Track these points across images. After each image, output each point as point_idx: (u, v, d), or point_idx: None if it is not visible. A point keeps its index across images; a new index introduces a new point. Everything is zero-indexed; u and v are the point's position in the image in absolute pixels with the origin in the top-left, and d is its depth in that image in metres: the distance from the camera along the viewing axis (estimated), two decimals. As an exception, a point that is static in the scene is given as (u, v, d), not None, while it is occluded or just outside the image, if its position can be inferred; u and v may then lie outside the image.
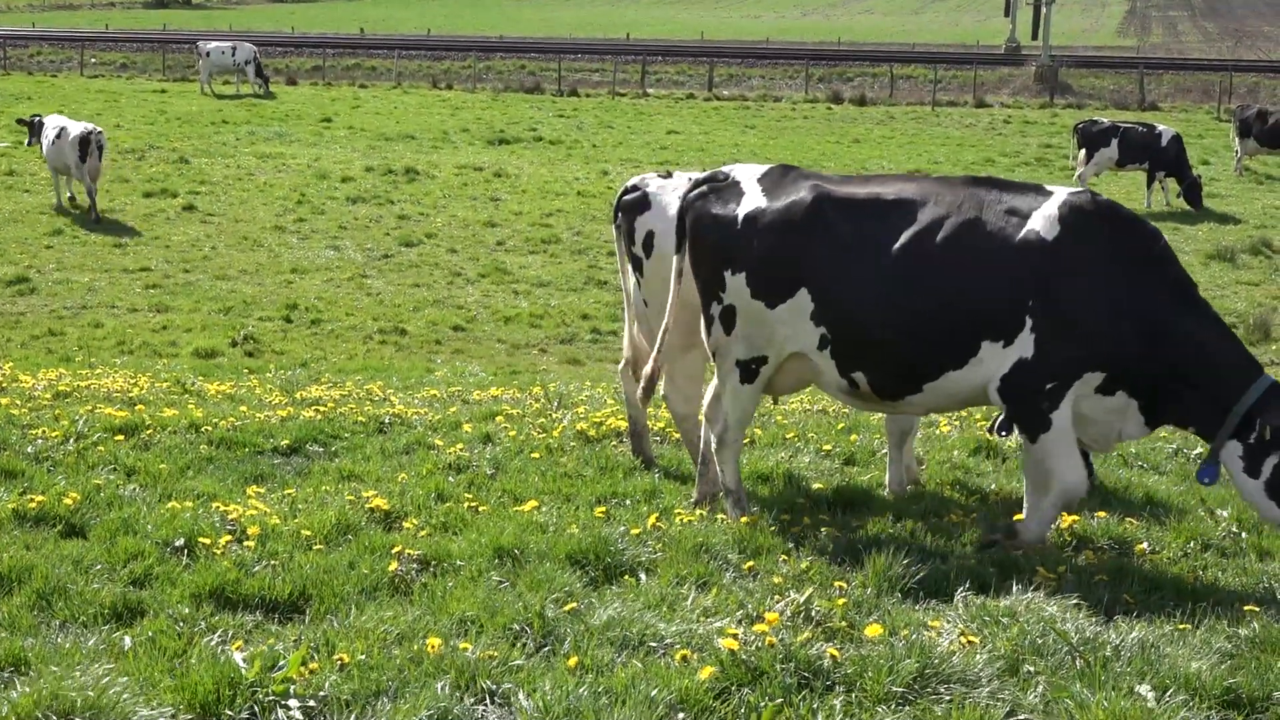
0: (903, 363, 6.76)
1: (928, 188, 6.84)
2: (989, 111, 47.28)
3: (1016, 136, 40.70)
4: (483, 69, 57.02)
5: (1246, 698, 4.74)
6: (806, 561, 6.41)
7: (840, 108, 48.60)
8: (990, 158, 35.81)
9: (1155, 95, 51.49)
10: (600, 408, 11.00)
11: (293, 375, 13.46)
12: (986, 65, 56.77)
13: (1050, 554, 6.66)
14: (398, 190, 28.77)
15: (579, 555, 6.37)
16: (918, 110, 47.69)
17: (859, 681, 4.85)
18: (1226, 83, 51.32)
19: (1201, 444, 9.33)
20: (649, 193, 8.39)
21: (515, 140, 37.58)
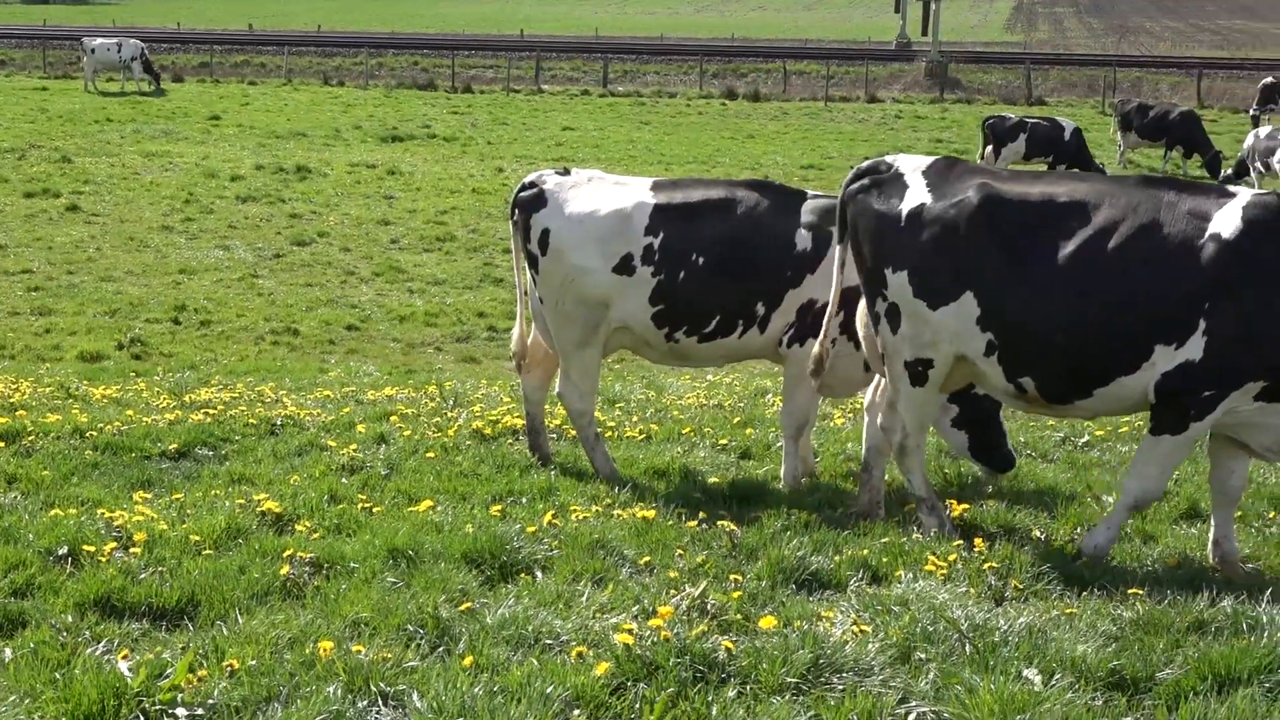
0: (1075, 369, 6.54)
1: (1101, 188, 6.60)
2: (881, 107, 47.87)
3: (908, 131, 41.25)
4: (375, 65, 56.45)
5: (1130, 678, 4.85)
6: (703, 556, 6.43)
7: (735, 104, 48.89)
8: (883, 152, 36.13)
9: (1042, 90, 52.49)
10: (496, 406, 10.95)
11: (181, 378, 13.20)
12: (878, 61, 57.47)
13: (941, 542, 6.75)
14: (289, 188, 28.38)
15: (475, 554, 6.33)
16: (811, 106, 48.14)
17: (754, 673, 4.88)
18: (1110, 78, 52.49)
19: (1090, 432, 9.53)
20: (545, 190, 8.34)
21: (409, 137, 37.26)
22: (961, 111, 46.73)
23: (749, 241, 8.11)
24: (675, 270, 8.09)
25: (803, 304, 8.13)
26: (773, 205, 8.21)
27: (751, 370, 13.30)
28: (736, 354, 8.53)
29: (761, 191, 8.33)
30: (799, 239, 8.11)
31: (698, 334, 8.21)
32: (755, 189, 8.37)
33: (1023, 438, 9.66)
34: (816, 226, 8.11)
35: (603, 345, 8.39)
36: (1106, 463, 8.99)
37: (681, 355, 8.48)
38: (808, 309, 8.12)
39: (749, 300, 8.13)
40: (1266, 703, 4.55)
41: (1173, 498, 7.91)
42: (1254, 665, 4.82)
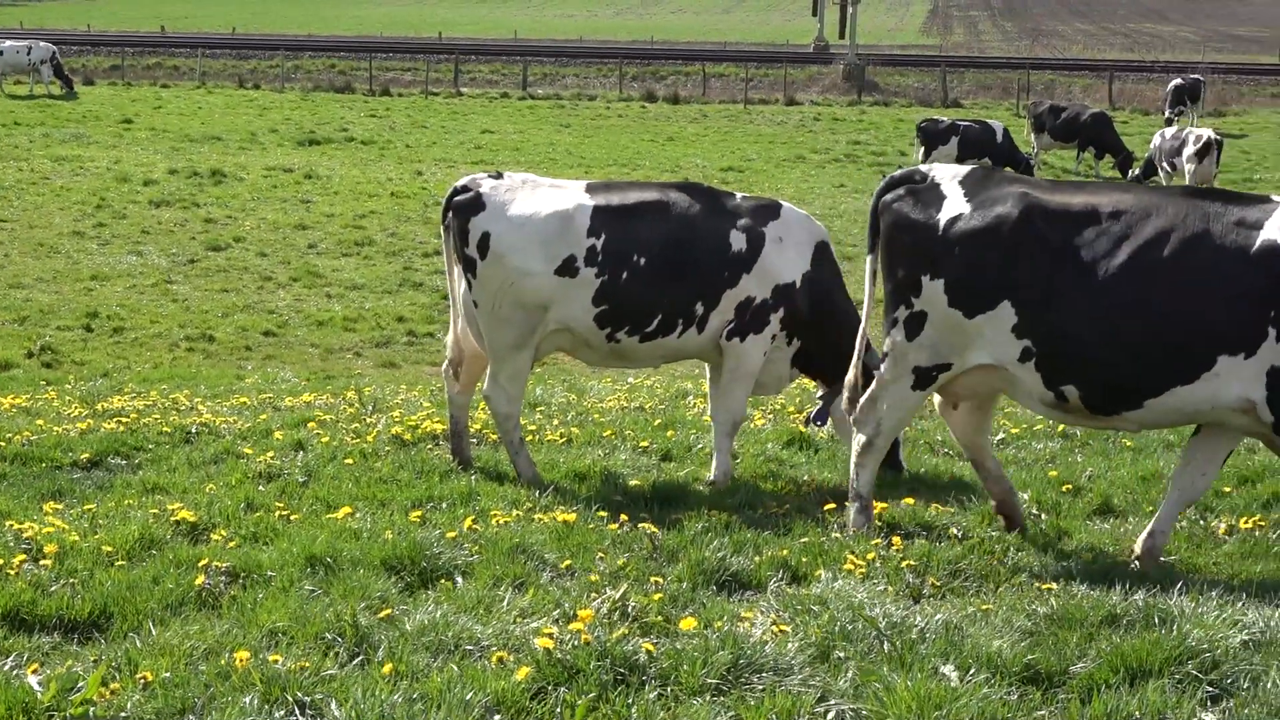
0: (1124, 379, 6.54)
1: (1146, 199, 6.63)
2: (799, 109, 48.18)
3: (826, 134, 41.56)
4: (291, 68, 55.89)
5: (1045, 672, 4.92)
6: (624, 558, 6.44)
7: (654, 106, 48.97)
8: (801, 154, 36.51)
9: (958, 92, 53.15)
10: (416, 411, 10.88)
11: (94, 386, 12.98)
12: (796, 64, 57.87)
13: (860, 541, 6.81)
14: (204, 193, 27.99)
15: (394, 561, 6.29)
16: (730, 108, 48.34)
17: (674, 675, 4.89)
18: (1024, 80, 53.27)
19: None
20: (483, 193, 8.31)
21: (326, 141, 36.91)
22: (879, 114, 47.17)
23: (687, 242, 8.21)
24: (618, 271, 8.13)
25: (740, 302, 8.24)
26: (705, 207, 8.33)
27: (673, 373, 13.33)
28: (675, 354, 8.61)
29: (692, 193, 8.45)
30: (734, 239, 8.24)
31: (639, 334, 8.27)
32: (686, 191, 8.49)
33: (939, 436, 9.77)
34: (749, 227, 8.25)
35: (535, 348, 8.37)
36: (1022, 460, 9.12)
37: (621, 356, 8.52)
38: (746, 306, 8.25)
39: (689, 300, 8.23)
40: (1176, 694, 4.63)
41: (1086, 494, 8.04)
42: (1165, 657, 4.91)
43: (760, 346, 8.35)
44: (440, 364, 16.63)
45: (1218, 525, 7.30)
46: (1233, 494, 7.93)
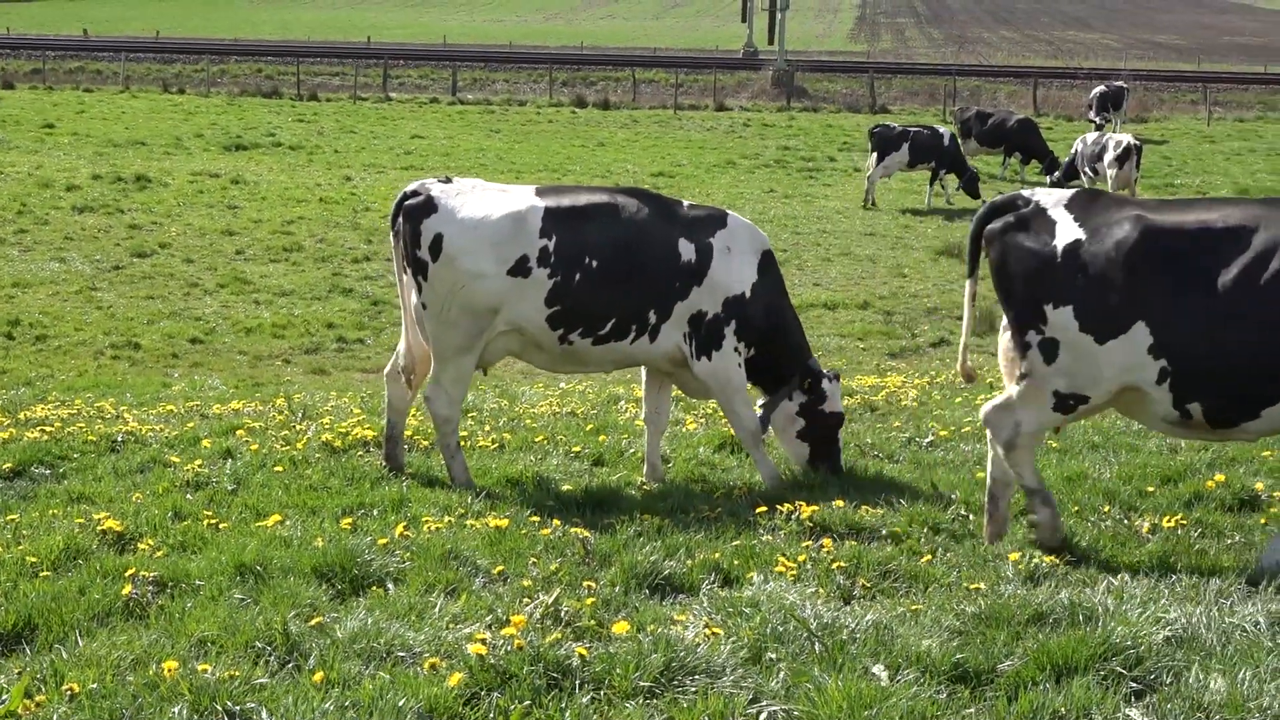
0: (1246, 390, 6.58)
1: (1257, 212, 6.67)
2: (729, 115, 48.43)
3: (756, 139, 41.80)
4: (217, 72, 55.36)
5: (973, 671, 4.98)
6: (556, 563, 6.44)
7: (584, 111, 49.01)
8: (731, 160, 36.70)
9: (885, 98, 53.66)
10: (346, 418, 10.80)
11: (16, 395, 12.77)
12: (725, 69, 58.21)
13: (791, 544, 6.85)
14: (128, 199, 27.63)
15: (325, 568, 6.26)
16: (660, 114, 48.48)
17: (607, 678, 4.90)
18: (950, 86, 53.93)
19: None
20: (433, 196, 8.28)
21: (253, 146, 36.59)
22: (808, 119, 47.52)
23: (637, 246, 8.24)
24: (571, 272, 8.14)
25: (692, 315, 8.32)
26: (654, 212, 8.38)
27: (605, 378, 13.34)
28: (627, 360, 8.62)
29: (641, 199, 8.48)
30: (683, 249, 8.29)
31: (593, 336, 8.28)
32: (635, 196, 8.52)
33: (869, 439, 9.86)
34: (697, 237, 8.32)
35: (480, 353, 8.35)
36: (950, 462, 9.21)
37: (574, 359, 8.52)
38: (699, 320, 8.33)
39: (642, 305, 8.26)
40: (1101, 690, 4.71)
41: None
42: (1090, 655, 4.98)
43: (730, 360, 8.41)
44: (375, 369, 16.68)
45: (1141, 524, 7.40)
46: (1156, 493, 8.05)
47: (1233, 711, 4.56)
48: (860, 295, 21.00)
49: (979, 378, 8.88)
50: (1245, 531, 7.22)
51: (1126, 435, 9.89)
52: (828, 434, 8.64)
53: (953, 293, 21.46)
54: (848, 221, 27.75)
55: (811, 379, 8.61)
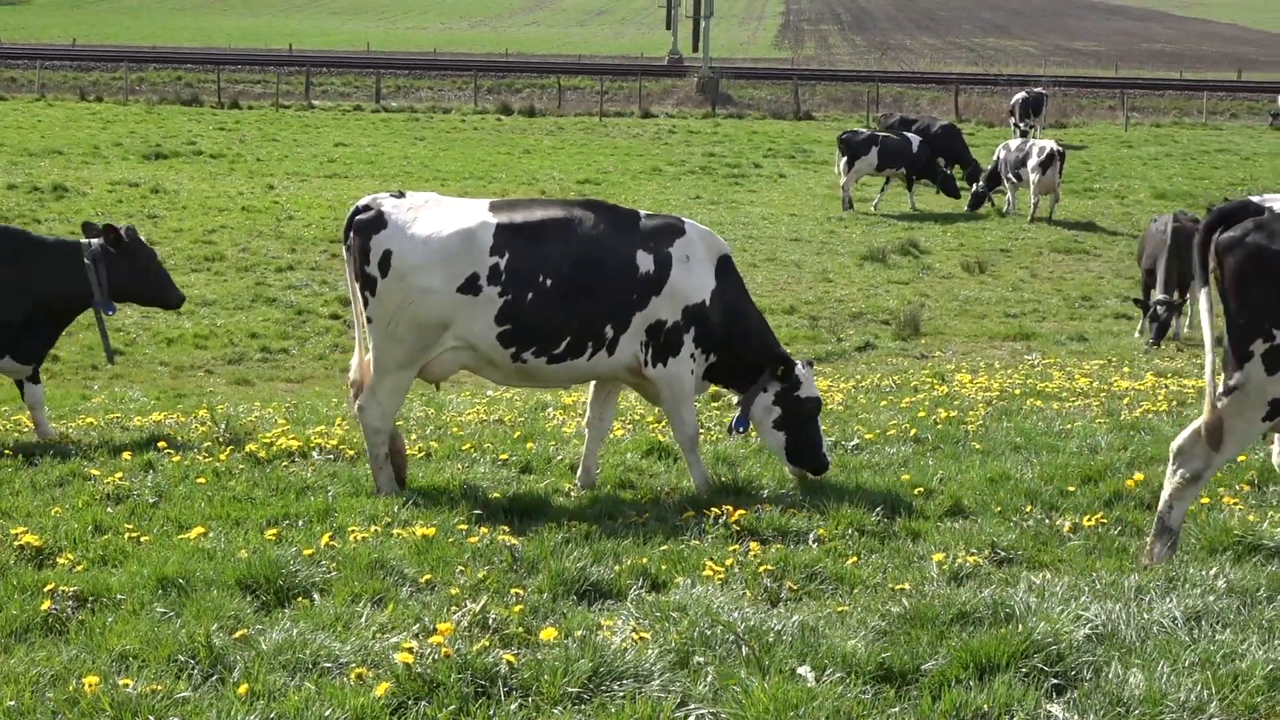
0: None
1: None
2: (655, 122, 48.55)
3: (682, 146, 41.93)
4: (135, 80, 54.61)
5: (898, 671, 5.03)
6: (484, 571, 6.42)
7: (510, 119, 48.93)
8: (658, 166, 36.78)
9: (810, 105, 54.06)
10: (271, 428, 10.71)
11: (-69, 409, 12.51)
12: (651, 76, 58.32)
13: (717, 548, 6.88)
14: (45, 209, 27.18)
15: (249, 580, 6.20)
16: (586, 121, 48.51)
17: (535, 685, 4.90)
18: (874, 92, 54.46)
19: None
20: (384, 211, 8.20)
21: (173, 154, 36.11)
22: (733, 126, 47.76)
23: (593, 262, 8.19)
24: (523, 290, 8.08)
25: (651, 324, 8.31)
26: (610, 226, 8.34)
27: (531, 384, 13.30)
28: (586, 376, 8.60)
29: (597, 211, 8.43)
30: (641, 260, 8.27)
31: (547, 355, 8.24)
32: (590, 209, 8.46)
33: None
34: (655, 248, 8.30)
35: (419, 369, 8.29)
36: (876, 464, 9.30)
37: (529, 376, 8.50)
38: (658, 329, 8.32)
39: (598, 322, 8.22)
40: (1023, 687, 4.77)
41: (937, 496, 8.23)
42: (1012, 652, 5.04)
43: (685, 366, 8.43)
44: (300, 379, 16.53)
45: (1063, 523, 7.52)
46: (1076, 493, 8.18)
47: (1151, 706, 4.64)
48: (786, 300, 21.13)
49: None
50: (1163, 529, 7.33)
51: (1047, 437, 10.05)
52: (806, 419, 8.63)
53: (877, 297, 21.66)
54: (773, 227, 27.91)
55: (785, 367, 8.65)
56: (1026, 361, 17.04)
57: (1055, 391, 13.08)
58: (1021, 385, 13.59)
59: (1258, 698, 4.73)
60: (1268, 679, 4.81)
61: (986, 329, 19.98)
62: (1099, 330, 20.32)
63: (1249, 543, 6.91)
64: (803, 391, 8.67)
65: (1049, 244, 27.22)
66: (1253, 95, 59.25)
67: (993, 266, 24.73)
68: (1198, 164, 40.02)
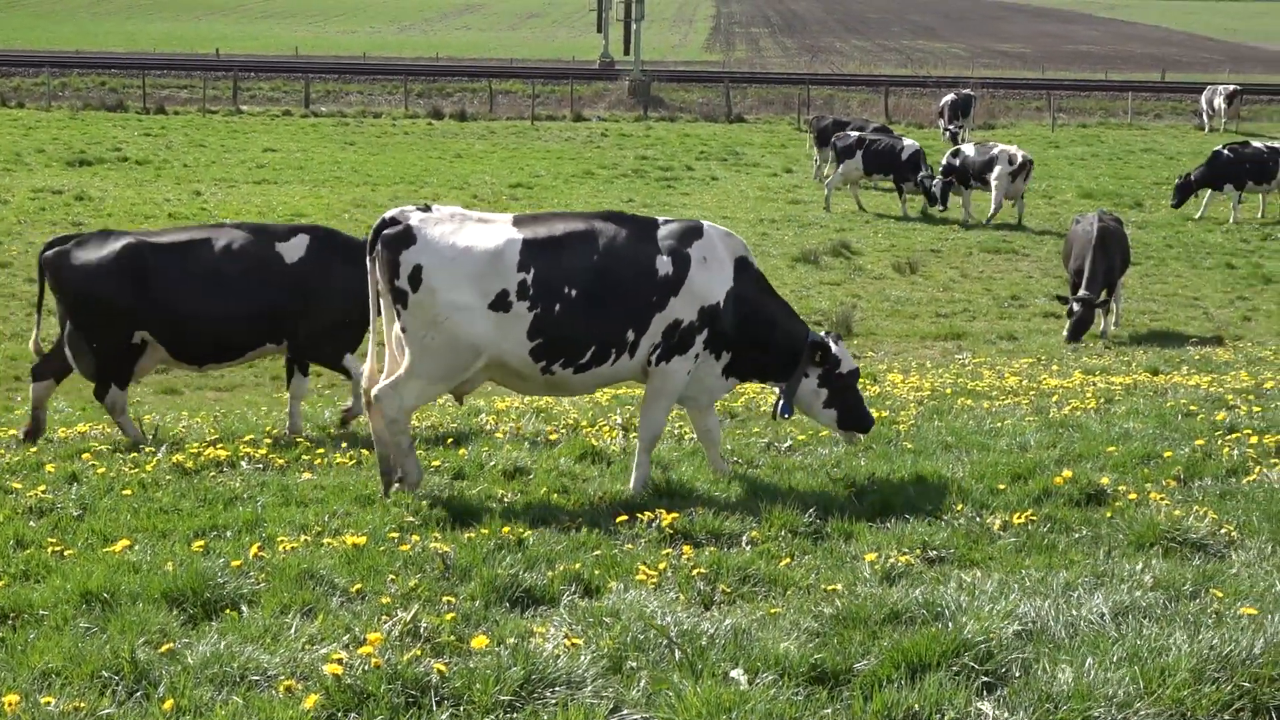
0: None
1: None
2: (587, 125, 48.50)
3: (614, 149, 41.92)
4: (59, 86, 53.74)
5: (830, 671, 5.04)
6: (415, 579, 6.36)
7: (441, 123, 48.68)
8: (590, 170, 36.75)
9: (741, 108, 54.25)
10: (199, 438, 10.56)
11: None
12: (582, 80, 58.27)
13: (652, 552, 6.87)
14: (-34, 217, 26.71)
15: (176, 593, 6.11)
16: (518, 125, 48.38)
17: (467, 694, 4.86)
18: (805, 95, 54.70)
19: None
20: (412, 226, 8.20)
21: (98, 161, 35.61)
22: (665, 129, 47.83)
23: (615, 271, 8.33)
24: (551, 304, 8.19)
25: (668, 325, 8.46)
26: (631, 234, 8.48)
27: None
28: (609, 381, 8.79)
29: (618, 222, 8.57)
30: (660, 264, 8.41)
31: (574, 365, 8.37)
32: (611, 220, 8.59)
33: (729, 445, 9.94)
34: (674, 250, 8.46)
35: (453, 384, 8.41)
36: (809, 465, 9.32)
37: (556, 386, 8.62)
38: (674, 329, 8.47)
39: (621, 328, 8.38)
40: (953, 686, 4.80)
41: (869, 496, 8.27)
42: (943, 651, 5.07)
43: (685, 366, 8.57)
44: (229, 387, 16.29)
45: (993, 521, 7.58)
46: (1006, 490, 8.24)
47: (1079, 701, 4.68)
48: (719, 303, 21.13)
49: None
50: (1092, 525, 7.43)
51: (978, 435, 10.13)
52: (850, 389, 9.05)
53: (809, 298, 21.74)
54: (706, 230, 27.94)
55: (821, 350, 8.90)
56: (957, 361, 17.21)
57: (985, 390, 13.21)
58: (952, 384, 13.72)
59: (1184, 691, 4.79)
60: (1193, 672, 4.86)
61: (918, 329, 20.15)
62: (1028, 329, 20.55)
63: (1176, 537, 7.01)
64: (842, 367, 8.99)
65: (979, 244, 27.49)
66: (1176, 96, 60.19)
67: (924, 267, 24.94)
68: (1123, 164, 40.63)
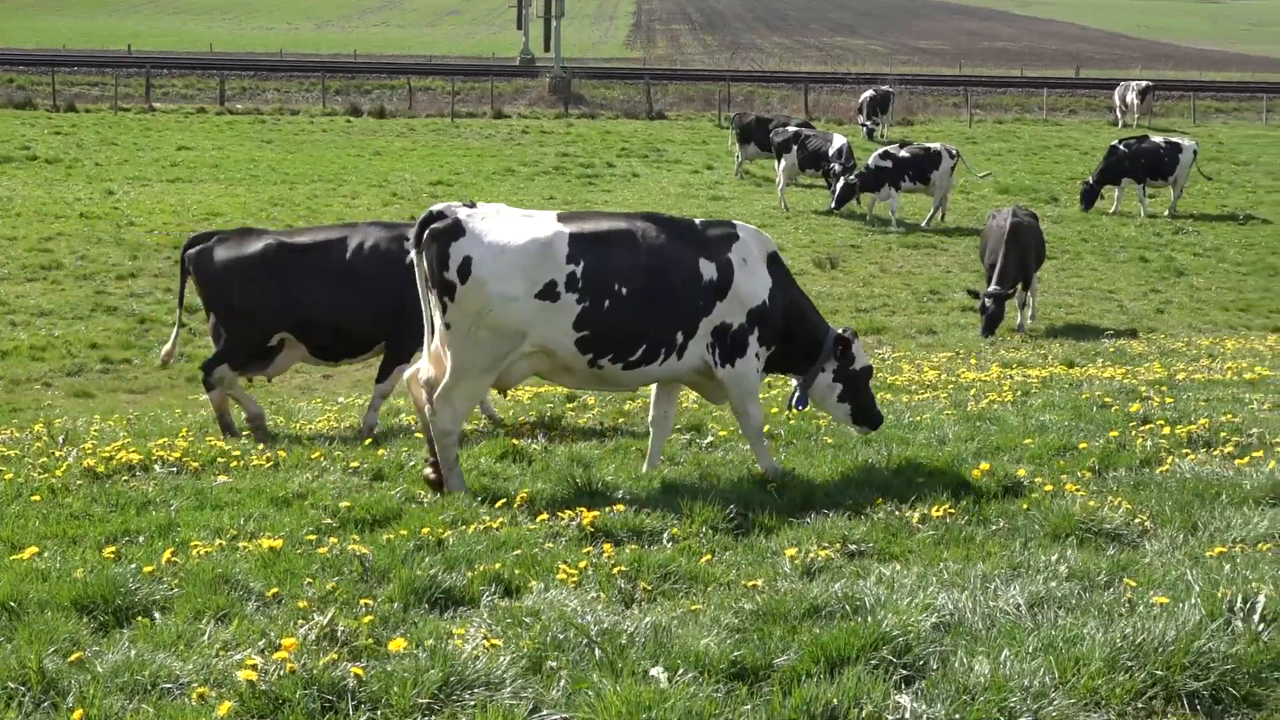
0: None
1: None
2: (507, 122, 48.30)
3: (535, 146, 41.79)
4: (-35, 84, 52.58)
5: (750, 668, 5.03)
6: (333, 582, 6.28)
7: (360, 120, 48.25)
8: (510, 167, 36.60)
9: (662, 104, 54.28)
10: (112, 441, 10.37)
11: None
12: (503, 77, 58.04)
13: (572, 550, 6.83)
14: None
15: (86, 600, 5.98)
16: (438, 122, 48.07)
17: (384, 697, 4.80)
18: (725, 92, 54.88)
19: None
20: (460, 219, 8.32)
21: (5, 160, 34.86)
22: (586, 126, 47.75)
23: (661, 270, 8.48)
24: (600, 298, 8.32)
25: (716, 327, 8.65)
26: (672, 235, 8.63)
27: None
28: (657, 379, 8.89)
29: (657, 223, 8.71)
30: (704, 268, 8.59)
31: (623, 362, 8.52)
32: (650, 220, 8.74)
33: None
34: (716, 255, 8.63)
35: (496, 374, 8.46)
36: (730, 461, 9.34)
37: (603, 381, 8.75)
38: (724, 332, 8.67)
39: (670, 329, 8.54)
40: (871, 680, 4.80)
41: (790, 491, 8.30)
42: (862, 645, 5.08)
43: (751, 365, 8.79)
44: (143, 390, 16.03)
45: (912, 515, 7.62)
46: (924, 484, 8.30)
47: (996, 692, 4.70)
48: (641, 299, 21.15)
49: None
50: (1009, 517, 7.50)
51: (897, 429, 10.20)
52: (863, 387, 9.25)
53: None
54: (627, 227, 27.94)
55: (842, 346, 9.10)
56: (877, 355, 17.33)
57: (904, 384, 13.32)
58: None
59: (1098, 680, 4.84)
60: (1107, 661, 4.92)
61: (838, 324, 20.24)
62: (947, 323, 20.78)
63: (1091, 528, 7.09)
64: (857, 364, 9.19)
65: (899, 240, 27.73)
66: (1091, 92, 61.11)
67: (844, 262, 25.11)
68: (1039, 159, 41.20)
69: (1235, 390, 11.75)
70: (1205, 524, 7.11)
